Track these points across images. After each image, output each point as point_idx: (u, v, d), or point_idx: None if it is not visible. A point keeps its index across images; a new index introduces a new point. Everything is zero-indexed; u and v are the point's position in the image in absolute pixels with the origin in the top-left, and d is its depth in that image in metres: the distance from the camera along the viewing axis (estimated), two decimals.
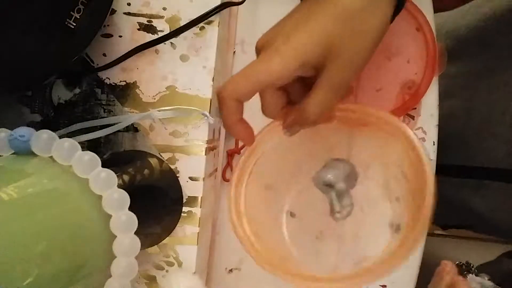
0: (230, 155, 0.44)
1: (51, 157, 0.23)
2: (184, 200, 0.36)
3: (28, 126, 0.24)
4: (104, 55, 0.35)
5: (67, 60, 0.31)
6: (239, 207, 0.36)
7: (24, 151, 0.23)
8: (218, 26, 0.35)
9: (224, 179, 0.44)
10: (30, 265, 0.18)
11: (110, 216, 0.23)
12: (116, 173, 0.24)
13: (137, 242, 0.24)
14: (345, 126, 0.37)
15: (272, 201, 0.40)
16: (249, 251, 0.35)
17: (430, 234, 0.45)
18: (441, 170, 0.39)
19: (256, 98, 0.34)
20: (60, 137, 0.24)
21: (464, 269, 0.44)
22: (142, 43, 0.35)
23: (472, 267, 0.45)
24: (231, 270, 0.43)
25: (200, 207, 0.36)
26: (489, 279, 0.41)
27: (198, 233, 0.36)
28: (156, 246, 0.36)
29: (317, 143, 0.39)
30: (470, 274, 0.40)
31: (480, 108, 0.44)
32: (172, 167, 0.35)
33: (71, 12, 0.29)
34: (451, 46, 0.52)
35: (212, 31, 0.35)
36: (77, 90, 0.36)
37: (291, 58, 0.27)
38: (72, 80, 0.36)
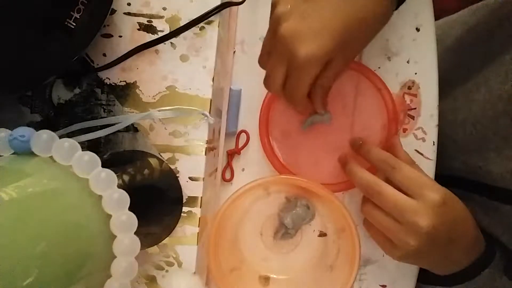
0: (230, 155, 0.44)
1: (51, 157, 0.23)
2: (184, 200, 0.36)
3: (28, 126, 0.24)
4: (104, 55, 0.35)
5: (67, 60, 0.31)
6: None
7: (24, 151, 0.23)
8: (218, 26, 0.35)
9: (224, 179, 0.44)
10: (30, 265, 0.18)
11: (110, 216, 0.23)
12: (116, 173, 0.24)
13: (137, 242, 0.24)
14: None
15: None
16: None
17: None
18: None
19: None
20: (60, 137, 0.24)
21: None
22: (142, 43, 0.35)
23: None
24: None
25: (200, 207, 0.36)
26: None
27: (198, 233, 0.36)
28: (156, 246, 0.36)
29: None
30: None
31: (445, 115, 0.45)
32: (172, 167, 0.35)
33: (71, 12, 0.29)
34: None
35: (212, 31, 0.35)
36: (77, 90, 0.36)
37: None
38: (72, 80, 0.36)
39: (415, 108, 0.43)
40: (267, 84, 0.36)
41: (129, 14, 0.35)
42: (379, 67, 0.43)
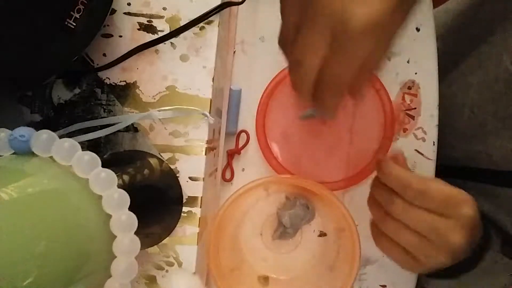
0: (230, 155, 0.44)
1: (51, 157, 0.23)
2: (184, 200, 0.36)
3: (28, 126, 0.24)
4: (104, 55, 0.35)
5: (67, 60, 0.31)
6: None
7: (24, 151, 0.23)
8: (218, 26, 0.35)
9: (224, 179, 0.44)
10: (30, 265, 0.18)
11: (110, 216, 0.23)
12: (116, 173, 0.24)
13: (137, 242, 0.24)
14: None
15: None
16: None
17: None
18: None
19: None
20: (60, 137, 0.24)
21: None
22: (142, 43, 0.35)
23: None
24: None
25: (200, 207, 0.36)
26: None
27: (198, 233, 0.36)
28: (156, 246, 0.36)
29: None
30: None
31: (441, 101, 0.45)
32: (172, 167, 0.35)
33: (71, 12, 0.29)
34: None
35: (212, 31, 0.35)
36: (77, 90, 0.36)
37: None
38: (72, 80, 0.36)
39: (415, 108, 0.43)
40: (296, 76, 0.26)
41: (129, 14, 0.35)
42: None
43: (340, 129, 0.43)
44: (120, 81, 0.36)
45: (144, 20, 0.35)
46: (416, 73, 0.43)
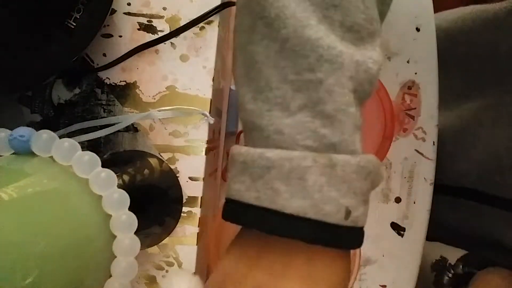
0: None
1: (51, 157, 0.23)
2: (184, 200, 0.36)
3: (28, 126, 0.24)
4: (104, 55, 0.35)
5: (67, 60, 0.31)
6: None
7: (24, 151, 0.23)
8: (218, 26, 0.35)
9: (224, 179, 0.44)
10: (30, 265, 0.18)
11: (110, 216, 0.23)
12: (116, 173, 0.24)
13: (137, 242, 0.24)
14: None
15: None
16: None
17: None
18: None
19: None
20: (60, 137, 0.24)
21: (440, 265, 0.45)
22: (142, 43, 0.35)
23: (447, 261, 0.45)
24: None
25: (200, 207, 0.36)
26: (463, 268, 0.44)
27: (198, 233, 0.36)
28: (156, 246, 0.36)
29: None
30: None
31: (454, 133, 0.44)
32: (172, 167, 0.35)
33: (71, 12, 0.29)
34: None
35: (212, 31, 0.35)
36: (77, 90, 0.36)
37: None
38: (72, 80, 0.36)
39: (415, 108, 0.43)
40: None
41: (129, 14, 0.35)
42: None
43: None
44: (120, 81, 0.36)
45: (144, 20, 0.35)
46: (416, 73, 0.43)
